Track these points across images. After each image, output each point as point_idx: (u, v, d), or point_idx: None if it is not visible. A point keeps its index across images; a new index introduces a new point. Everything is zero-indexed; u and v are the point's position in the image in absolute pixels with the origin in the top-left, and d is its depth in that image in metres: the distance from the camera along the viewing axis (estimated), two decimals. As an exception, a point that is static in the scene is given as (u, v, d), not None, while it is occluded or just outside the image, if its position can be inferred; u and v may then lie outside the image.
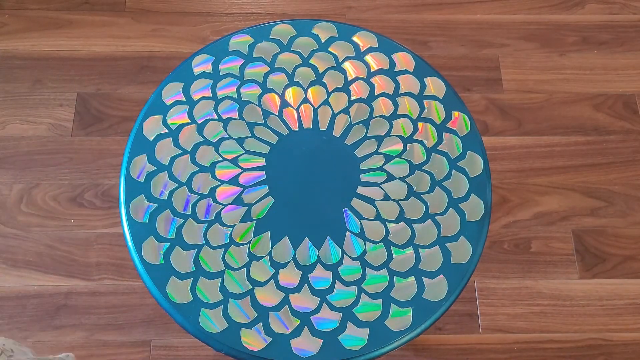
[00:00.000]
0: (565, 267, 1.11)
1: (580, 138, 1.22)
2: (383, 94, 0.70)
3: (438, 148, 0.68)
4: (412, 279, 0.61)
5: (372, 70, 0.72)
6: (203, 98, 0.69)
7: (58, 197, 1.13)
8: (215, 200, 0.64)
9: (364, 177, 0.66)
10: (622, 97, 1.26)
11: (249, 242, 0.62)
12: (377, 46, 0.73)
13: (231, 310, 0.59)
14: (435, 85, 0.71)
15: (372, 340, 0.58)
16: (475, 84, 1.26)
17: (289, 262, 0.62)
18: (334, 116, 0.69)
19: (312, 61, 0.72)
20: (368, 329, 0.59)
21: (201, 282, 0.60)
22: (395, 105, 0.70)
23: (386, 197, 0.65)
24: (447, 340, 1.05)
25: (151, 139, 0.67)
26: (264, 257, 0.62)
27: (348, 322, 0.59)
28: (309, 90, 0.71)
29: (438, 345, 1.05)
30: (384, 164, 0.67)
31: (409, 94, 0.71)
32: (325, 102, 0.70)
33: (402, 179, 0.66)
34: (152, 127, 0.68)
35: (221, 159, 0.66)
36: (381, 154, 0.67)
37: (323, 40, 0.73)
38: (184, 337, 1.03)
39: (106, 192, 1.13)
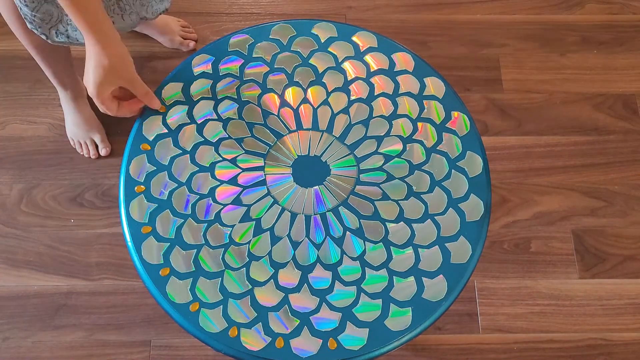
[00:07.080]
0: (565, 267, 1.10)
1: (580, 138, 1.22)
2: (383, 94, 0.70)
3: (438, 148, 0.68)
4: (411, 279, 0.61)
5: (371, 70, 0.72)
6: (203, 98, 0.69)
7: (58, 197, 1.13)
8: (214, 200, 0.64)
9: (363, 177, 0.66)
10: (622, 97, 1.26)
11: (248, 242, 0.62)
12: (376, 46, 0.73)
13: (231, 310, 0.59)
14: (434, 85, 0.71)
15: (372, 340, 0.58)
16: (475, 84, 1.26)
17: (288, 262, 0.62)
18: (333, 116, 0.69)
19: (311, 61, 0.72)
20: (367, 329, 0.59)
21: (201, 282, 0.60)
22: (395, 105, 0.70)
23: (386, 197, 0.65)
24: (447, 340, 1.05)
25: (151, 139, 0.67)
26: (264, 257, 0.62)
27: (347, 322, 0.59)
28: (309, 90, 0.71)
29: (438, 345, 1.05)
30: (383, 164, 0.67)
31: (408, 94, 0.71)
32: (325, 102, 0.70)
33: (402, 178, 0.66)
34: (152, 127, 0.68)
35: (221, 159, 0.66)
36: (381, 154, 0.67)
37: (323, 40, 0.73)
38: (184, 337, 1.03)
39: (106, 192, 1.13)
